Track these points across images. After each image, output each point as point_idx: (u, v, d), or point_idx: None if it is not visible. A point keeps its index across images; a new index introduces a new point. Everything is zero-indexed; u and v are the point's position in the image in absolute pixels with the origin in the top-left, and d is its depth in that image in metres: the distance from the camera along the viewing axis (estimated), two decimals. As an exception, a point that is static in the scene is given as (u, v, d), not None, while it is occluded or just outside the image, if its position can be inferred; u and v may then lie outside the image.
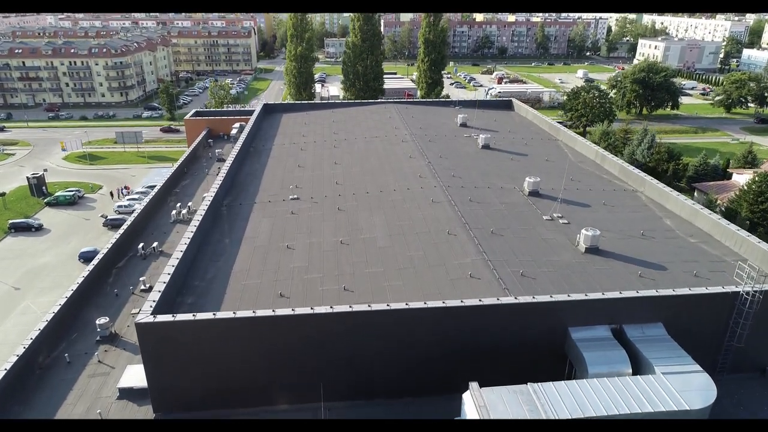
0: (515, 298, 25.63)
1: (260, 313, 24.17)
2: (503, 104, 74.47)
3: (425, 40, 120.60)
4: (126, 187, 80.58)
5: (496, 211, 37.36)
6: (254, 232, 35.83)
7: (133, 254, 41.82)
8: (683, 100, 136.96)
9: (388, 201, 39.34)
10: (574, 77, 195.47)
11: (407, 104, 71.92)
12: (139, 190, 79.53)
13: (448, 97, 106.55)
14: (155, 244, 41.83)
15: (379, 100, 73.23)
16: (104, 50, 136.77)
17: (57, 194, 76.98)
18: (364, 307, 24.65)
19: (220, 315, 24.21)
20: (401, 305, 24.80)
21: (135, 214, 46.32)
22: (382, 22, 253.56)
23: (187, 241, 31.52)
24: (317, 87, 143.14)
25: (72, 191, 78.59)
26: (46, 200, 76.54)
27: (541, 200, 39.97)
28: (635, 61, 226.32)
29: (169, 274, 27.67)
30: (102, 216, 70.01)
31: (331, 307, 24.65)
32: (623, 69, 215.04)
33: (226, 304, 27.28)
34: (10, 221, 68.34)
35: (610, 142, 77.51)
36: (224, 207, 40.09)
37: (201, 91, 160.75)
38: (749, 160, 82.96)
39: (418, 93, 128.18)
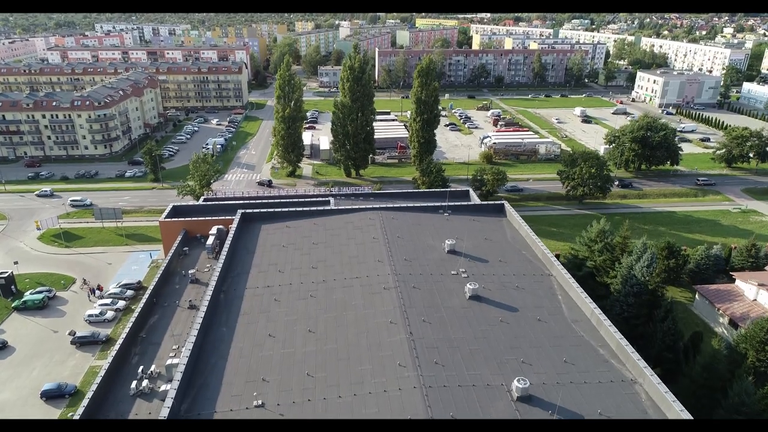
0: None
1: None
2: (495, 209, 70.68)
3: (417, 99, 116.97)
4: (99, 287, 76.52)
5: (481, 439, 33.59)
6: (208, 478, 32.02)
7: (83, 455, 37.80)
8: (683, 147, 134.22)
9: (361, 415, 35.54)
10: (571, 114, 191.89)
11: (394, 212, 67.87)
12: (111, 290, 75.44)
13: (441, 171, 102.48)
14: (107, 443, 37.80)
15: (365, 207, 69.13)
16: (87, 102, 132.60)
17: (25, 298, 72.96)
18: None
19: None
20: None
21: (92, 392, 42.05)
22: (376, 50, 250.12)
23: None
24: (306, 138, 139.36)
25: (42, 292, 74.66)
26: (14, 304, 72.58)
27: (531, 409, 36.22)
28: (633, 93, 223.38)
29: None
30: (70, 333, 66.04)
31: None
32: (621, 103, 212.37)
33: None
34: (-28, 340, 64.50)
35: (608, 242, 73.86)
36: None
37: (189, 136, 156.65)
38: (752, 254, 79.41)
39: (411, 151, 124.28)
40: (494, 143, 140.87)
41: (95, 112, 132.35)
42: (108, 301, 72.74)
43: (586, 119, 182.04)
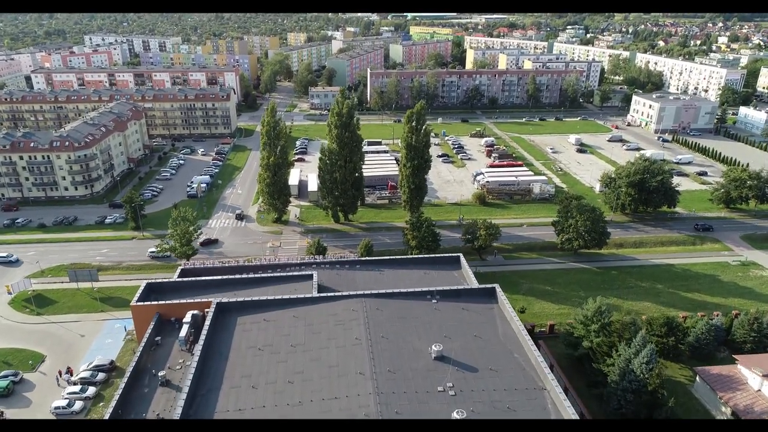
0: None
1: None
2: (486, 294, 66.99)
3: (407, 145, 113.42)
4: (69, 370, 72.30)
5: None
6: None
7: None
8: (680, 182, 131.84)
9: None
10: (566, 141, 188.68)
11: (380, 300, 64.03)
12: (81, 374, 71.12)
13: (431, 226, 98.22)
14: None
15: (348, 294, 65.30)
16: (66, 143, 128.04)
17: (-11, 385, 68.81)
18: None
19: None
20: None
21: None
22: (368, 71, 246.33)
23: None
24: (293, 176, 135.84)
25: (7, 377, 70.41)
26: (-24, 393, 68.38)
27: None
28: (628, 117, 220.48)
29: None
30: (33, 433, 61.86)
31: None
32: (617, 128, 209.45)
33: None
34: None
35: (604, 322, 70.52)
36: None
37: (174, 171, 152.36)
38: (755, 328, 76.13)
39: (402, 196, 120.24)
40: (487, 181, 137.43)
41: (75, 153, 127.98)
42: (77, 388, 68.54)
43: (581, 149, 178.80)
